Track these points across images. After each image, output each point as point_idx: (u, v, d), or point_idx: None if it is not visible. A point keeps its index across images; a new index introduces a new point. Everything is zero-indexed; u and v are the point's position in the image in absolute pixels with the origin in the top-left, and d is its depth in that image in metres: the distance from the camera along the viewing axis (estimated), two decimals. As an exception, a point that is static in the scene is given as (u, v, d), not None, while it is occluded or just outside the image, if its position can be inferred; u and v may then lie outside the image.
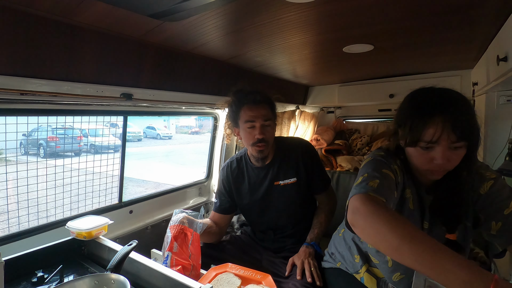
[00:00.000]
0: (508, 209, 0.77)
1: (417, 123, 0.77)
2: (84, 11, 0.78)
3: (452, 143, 0.74)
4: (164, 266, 0.95)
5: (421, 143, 0.77)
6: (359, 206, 0.68)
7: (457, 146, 0.74)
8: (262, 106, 1.25)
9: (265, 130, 1.25)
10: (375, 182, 0.75)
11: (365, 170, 0.82)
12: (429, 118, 0.75)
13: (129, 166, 1.64)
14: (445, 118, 0.73)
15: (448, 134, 0.73)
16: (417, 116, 0.77)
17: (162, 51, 1.13)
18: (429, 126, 0.74)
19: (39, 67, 0.83)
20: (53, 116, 1.20)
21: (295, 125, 2.57)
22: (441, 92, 0.80)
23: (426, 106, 0.77)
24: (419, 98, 0.82)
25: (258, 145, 1.25)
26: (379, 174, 0.78)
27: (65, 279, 0.93)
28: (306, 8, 0.83)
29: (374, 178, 0.76)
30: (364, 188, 0.73)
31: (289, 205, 1.35)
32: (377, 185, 0.74)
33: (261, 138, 1.23)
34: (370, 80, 2.14)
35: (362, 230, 0.68)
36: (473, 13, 0.91)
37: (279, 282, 1.13)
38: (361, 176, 0.80)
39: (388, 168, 0.82)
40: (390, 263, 0.92)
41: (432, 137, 0.74)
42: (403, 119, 0.83)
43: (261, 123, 1.24)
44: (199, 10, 0.80)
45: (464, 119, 0.73)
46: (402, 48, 1.31)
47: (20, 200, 1.28)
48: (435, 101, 0.76)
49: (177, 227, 1.09)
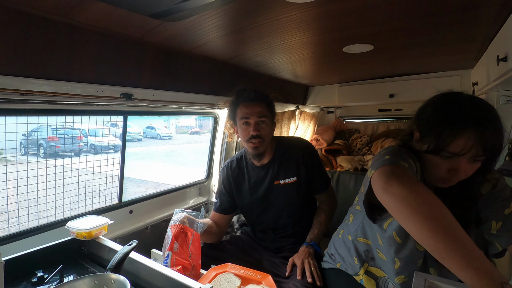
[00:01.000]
0: (508, 209, 0.77)
1: (447, 132, 0.72)
2: (84, 11, 0.78)
3: (476, 157, 0.71)
4: (164, 265, 0.96)
5: (444, 153, 0.73)
6: (397, 172, 0.65)
7: (478, 159, 0.72)
8: (257, 103, 1.27)
9: (260, 127, 1.26)
10: (402, 164, 0.72)
11: (385, 154, 0.78)
12: (462, 129, 0.70)
13: (129, 166, 1.64)
14: (478, 132, 0.69)
15: (476, 148, 0.69)
16: (448, 125, 0.72)
17: (162, 51, 1.13)
18: (459, 138, 0.70)
19: (39, 67, 0.83)
20: (53, 116, 1.20)
21: (295, 125, 2.57)
22: (474, 101, 0.75)
23: (459, 115, 0.72)
24: (450, 105, 0.76)
25: (252, 141, 1.26)
26: (402, 160, 0.74)
27: (65, 279, 0.93)
28: (306, 8, 0.83)
29: (398, 159, 0.73)
30: (391, 161, 0.70)
31: (289, 204, 1.35)
32: (404, 162, 0.71)
33: (255, 134, 1.24)
34: (370, 80, 2.14)
35: (396, 197, 0.62)
36: (473, 13, 0.91)
37: (279, 282, 1.13)
38: (383, 156, 0.76)
39: (411, 159, 0.78)
40: (397, 265, 0.90)
41: (461, 150, 0.70)
42: (428, 124, 0.78)
43: (255, 120, 1.25)
44: (199, 10, 0.80)
45: (496, 135, 0.70)
46: (402, 48, 1.31)
47: (20, 200, 1.27)
48: (469, 111, 0.71)
49: (177, 227, 1.09)
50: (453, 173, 0.75)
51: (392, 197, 0.63)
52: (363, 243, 1.02)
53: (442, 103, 0.79)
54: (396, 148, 0.86)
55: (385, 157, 0.77)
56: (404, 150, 0.81)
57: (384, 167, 0.70)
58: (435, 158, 0.76)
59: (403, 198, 0.61)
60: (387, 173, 0.67)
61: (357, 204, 1.04)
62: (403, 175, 0.65)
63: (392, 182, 0.64)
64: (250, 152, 1.33)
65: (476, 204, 0.84)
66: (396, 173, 0.65)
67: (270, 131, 1.31)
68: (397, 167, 0.68)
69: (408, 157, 0.79)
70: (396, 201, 0.62)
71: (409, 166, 0.73)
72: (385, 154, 0.79)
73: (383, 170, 0.69)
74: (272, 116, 1.33)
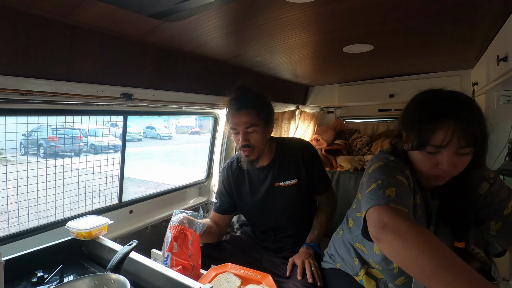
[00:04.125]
0: (507, 209, 0.77)
1: (426, 126, 0.74)
2: (84, 11, 0.78)
3: (460, 149, 0.72)
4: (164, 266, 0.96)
5: (428, 147, 0.74)
6: (387, 221, 0.63)
7: (464, 152, 0.72)
8: (244, 112, 1.22)
9: (249, 136, 1.24)
10: (392, 190, 0.71)
11: (377, 176, 0.77)
12: (440, 121, 0.72)
13: (129, 166, 1.64)
14: (456, 122, 0.70)
15: (458, 139, 0.70)
16: (426, 119, 0.74)
17: (162, 51, 1.13)
18: (439, 130, 0.72)
19: (39, 67, 0.83)
20: (53, 116, 1.20)
21: (295, 125, 2.57)
22: (451, 94, 0.77)
23: (437, 108, 0.74)
24: (429, 100, 0.79)
25: (242, 150, 1.26)
26: (393, 181, 0.74)
27: (65, 279, 0.93)
28: (306, 8, 0.83)
29: (390, 186, 0.72)
30: (382, 198, 0.69)
31: (290, 206, 1.35)
32: (395, 194, 0.70)
33: (244, 144, 1.24)
34: (370, 80, 2.14)
35: (389, 248, 0.62)
36: (473, 13, 0.91)
37: (279, 282, 1.13)
38: (373, 182, 0.75)
39: (402, 174, 0.78)
40: (396, 270, 0.90)
41: (442, 142, 0.72)
42: (410, 122, 0.80)
43: (243, 130, 1.23)
44: (199, 10, 0.80)
45: (475, 124, 0.71)
46: (402, 48, 1.31)
47: (20, 200, 1.27)
48: (446, 104, 0.74)
49: (177, 228, 1.09)
50: (442, 168, 0.75)
51: (385, 247, 0.63)
52: (360, 249, 1.02)
53: (422, 100, 0.81)
54: (391, 157, 0.84)
55: (377, 179, 0.75)
56: (394, 162, 0.81)
57: (377, 210, 0.68)
58: (422, 155, 0.77)
59: (397, 252, 0.61)
60: (379, 219, 0.66)
61: (357, 210, 1.04)
62: (395, 223, 0.63)
63: (385, 232, 0.63)
64: (243, 159, 1.33)
65: (474, 204, 0.83)
66: (387, 221, 0.64)
67: (262, 138, 1.27)
68: (388, 208, 0.66)
69: (398, 170, 0.79)
70: (390, 252, 0.63)
71: (399, 185, 0.73)
72: (377, 174, 0.78)
73: (375, 214, 0.68)
74: (265, 121, 1.27)
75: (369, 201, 0.71)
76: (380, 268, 0.95)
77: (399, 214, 0.64)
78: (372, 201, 0.71)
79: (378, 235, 0.64)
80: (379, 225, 0.65)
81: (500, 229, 0.78)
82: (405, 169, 0.81)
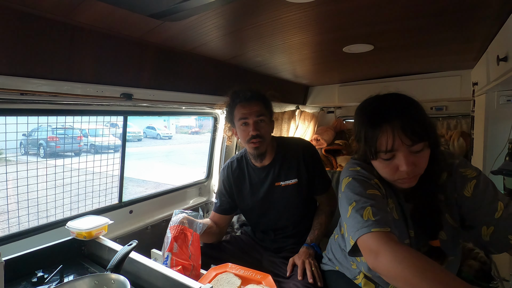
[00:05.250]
0: (497, 212, 0.74)
1: (370, 136, 0.76)
2: (84, 11, 0.78)
3: (410, 147, 0.72)
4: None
5: (380, 154, 0.76)
6: (376, 250, 0.65)
7: (417, 149, 0.73)
8: (254, 102, 1.25)
9: (259, 126, 1.25)
10: (368, 210, 0.72)
11: (350, 196, 0.79)
12: (378, 128, 0.74)
13: (129, 166, 1.64)
14: (393, 125, 0.72)
15: (401, 139, 0.72)
16: (367, 129, 0.77)
17: (162, 51, 1.13)
18: (380, 136, 0.74)
19: (39, 67, 0.83)
20: (53, 116, 1.20)
21: (295, 125, 2.57)
22: (385, 99, 0.80)
23: (373, 116, 0.77)
24: (365, 110, 0.81)
25: (253, 141, 1.24)
26: (366, 199, 0.75)
27: (65, 279, 0.93)
28: (306, 8, 0.83)
29: (364, 206, 0.74)
30: (363, 225, 0.70)
31: (290, 206, 1.35)
32: (372, 214, 0.71)
33: (255, 134, 1.23)
34: (370, 80, 2.14)
35: (387, 274, 0.64)
36: (473, 13, 0.91)
37: (279, 282, 1.13)
38: (349, 205, 0.77)
39: (371, 186, 0.79)
40: None
41: (387, 146, 0.73)
42: (358, 134, 0.82)
43: (254, 119, 1.23)
44: (199, 10, 0.80)
45: (413, 120, 0.72)
46: (402, 48, 1.31)
47: (20, 200, 1.27)
48: (380, 110, 0.76)
49: (177, 228, 1.09)
50: (403, 170, 0.75)
51: (383, 274, 0.66)
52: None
53: (360, 112, 0.83)
54: (356, 168, 0.85)
55: (351, 201, 0.77)
56: (360, 174, 0.82)
57: (363, 240, 0.70)
58: (380, 163, 0.78)
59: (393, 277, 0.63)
60: (369, 250, 0.68)
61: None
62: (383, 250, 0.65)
63: (378, 261, 0.65)
64: (251, 153, 1.32)
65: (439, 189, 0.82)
66: (376, 250, 0.66)
67: (269, 130, 1.30)
68: (371, 236, 0.68)
69: (367, 182, 0.80)
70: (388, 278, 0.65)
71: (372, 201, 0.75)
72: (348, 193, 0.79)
73: (364, 245, 0.70)
74: (270, 114, 1.32)
75: (353, 229, 0.73)
76: (370, 276, 0.95)
77: (384, 238, 0.67)
78: (355, 229, 0.72)
79: (373, 265, 0.67)
80: (372, 255, 0.67)
81: (494, 234, 0.75)
82: (372, 178, 0.82)
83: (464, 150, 2.06)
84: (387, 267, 0.63)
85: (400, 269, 0.61)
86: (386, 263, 0.63)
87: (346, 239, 0.78)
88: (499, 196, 0.77)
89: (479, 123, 1.58)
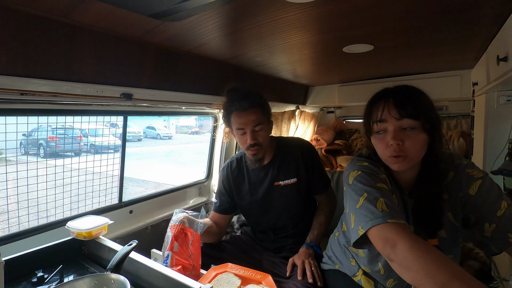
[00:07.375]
0: (500, 210, 0.77)
1: (368, 111, 0.86)
2: (84, 11, 0.78)
3: (398, 120, 0.77)
4: (164, 265, 0.96)
5: (374, 126, 0.83)
6: (394, 240, 0.66)
7: (406, 125, 0.77)
8: (251, 111, 1.22)
9: (257, 134, 1.24)
10: (381, 202, 0.73)
11: (360, 187, 0.79)
12: (375, 104, 0.83)
13: (129, 166, 1.64)
14: (387, 100, 0.81)
15: (389, 110, 0.78)
16: (368, 107, 0.87)
17: (162, 51, 1.13)
18: (376, 107, 0.83)
19: (39, 67, 0.83)
20: (53, 116, 1.20)
21: (295, 125, 2.57)
22: (392, 87, 0.88)
23: (374, 97, 0.87)
24: (374, 95, 0.90)
25: (251, 149, 1.25)
26: (378, 190, 0.76)
27: (65, 279, 0.93)
28: (306, 8, 0.83)
29: (376, 198, 0.74)
30: (378, 215, 0.71)
31: (289, 205, 1.35)
32: (386, 205, 0.72)
33: (253, 143, 1.23)
34: (370, 80, 2.14)
35: (405, 264, 0.64)
36: (473, 13, 0.91)
37: (279, 282, 1.13)
38: (360, 196, 0.78)
39: (380, 180, 0.81)
40: (383, 271, 0.91)
41: (377, 116, 0.81)
42: (365, 114, 0.90)
43: (251, 129, 1.22)
44: (199, 10, 0.80)
45: (406, 97, 0.79)
46: (402, 48, 1.31)
47: (20, 200, 1.27)
48: (382, 91, 0.86)
49: (177, 227, 1.09)
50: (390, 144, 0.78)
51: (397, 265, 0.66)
52: (354, 252, 1.03)
53: (371, 99, 0.90)
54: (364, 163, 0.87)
55: (362, 192, 0.78)
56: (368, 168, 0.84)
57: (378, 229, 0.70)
58: (376, 139, 0.84)
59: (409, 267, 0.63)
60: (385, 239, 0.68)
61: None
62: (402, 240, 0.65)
63: (396, 251, 0.66)
64: (250, 159, 1.32)
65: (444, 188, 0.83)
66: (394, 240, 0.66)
67: (267, 135, 1.29)
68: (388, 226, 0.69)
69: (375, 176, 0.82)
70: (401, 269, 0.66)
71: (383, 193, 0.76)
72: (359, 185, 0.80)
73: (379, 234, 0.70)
74: (267, 118, 1.29)
75: (365, 219, 0.73)
76: (369, 271, 0.96)
77: (400, 229, 0.67)
78: (368, 219, 0.72)
79: (390, 256, 0.67)
80: (388, 245, 0.67)
81: (495, 231, 0.78)
82: (379, 172, 0.84)
83: (464, 150, 2.05)
84: (406, 257, 0.63)
85: (418, 260, 0.61)
86: (404, 252, 0.64)
87: (353, 230, 0.78)
88: (503, 196, 0.79)
89: (479, 123, 1.58)
